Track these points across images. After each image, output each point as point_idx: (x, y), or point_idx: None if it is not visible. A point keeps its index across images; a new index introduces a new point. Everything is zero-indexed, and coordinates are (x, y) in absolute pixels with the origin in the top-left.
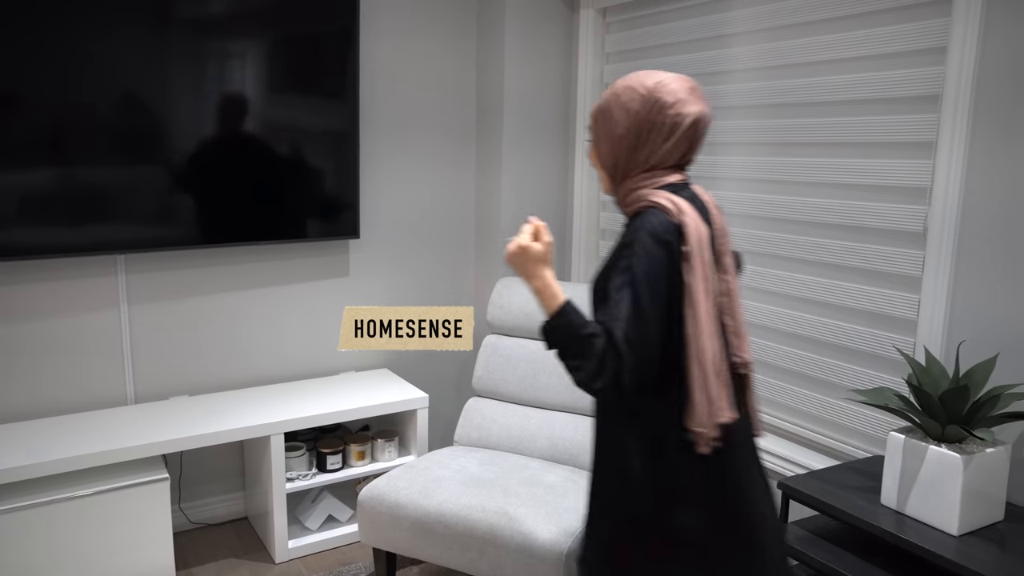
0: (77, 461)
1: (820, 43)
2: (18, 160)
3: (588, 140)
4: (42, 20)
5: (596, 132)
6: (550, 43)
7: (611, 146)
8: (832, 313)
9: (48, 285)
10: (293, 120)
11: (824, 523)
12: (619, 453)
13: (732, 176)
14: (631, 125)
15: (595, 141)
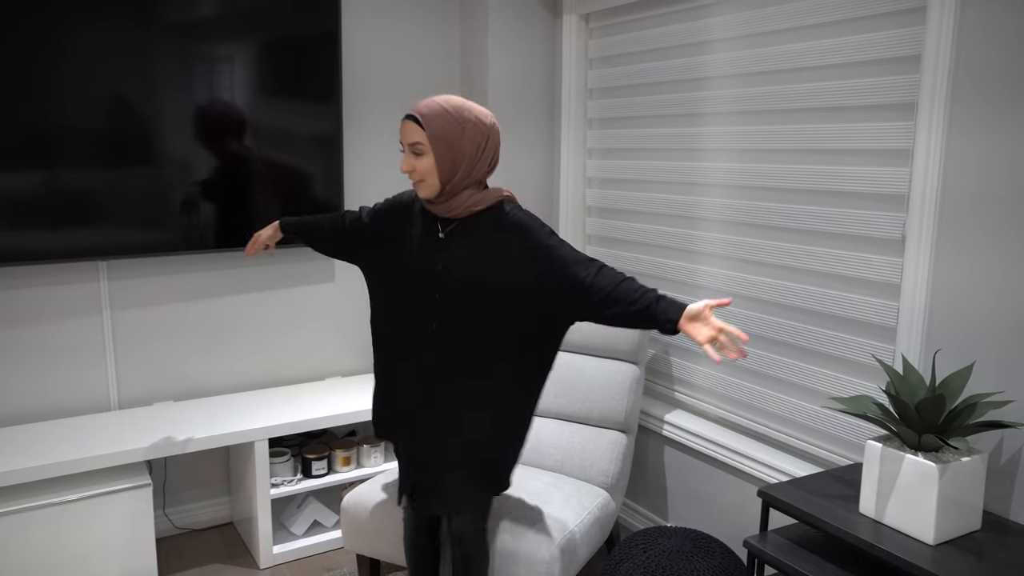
0: (60, 467)
1: (798, 50)
2: (2, 165)
3: (415, 154)
4: (25, 22)
5: (438, 151)
6: (533, 48)
7: (455, 163)
8: (813, 319)
9: (30, 291)
10: (277, 123)
11: (804, 532)
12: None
13: (712, 183)
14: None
15: (437, 158)
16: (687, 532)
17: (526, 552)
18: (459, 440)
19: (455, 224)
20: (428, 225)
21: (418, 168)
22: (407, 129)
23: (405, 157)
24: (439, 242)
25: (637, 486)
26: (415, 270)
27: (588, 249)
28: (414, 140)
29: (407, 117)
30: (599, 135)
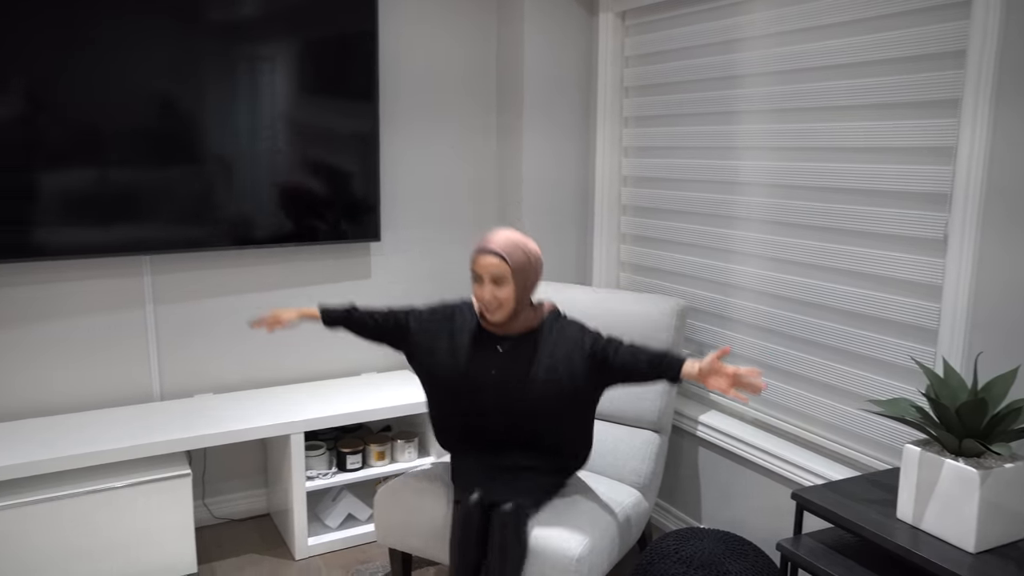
0: (104, 455)
1: (836, 46)
2: (53, 163)
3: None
4: (78, 27)
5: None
6: (569, 47)
7: (525, 290)
8: (850, 320)
9: (78, 284)
10: (316, 122)
11: (838, 536)
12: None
13: (748, 181)
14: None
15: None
16: (720, 534)
17: (554, 549)
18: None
19: (512, 339)
20: (482, 340)
21: (499, 296)
22: (490, 262)
23: (486, 286)
24: (498, 355)
25: (670, 487)
26: (470, 376)
27: (623, 249)
28: (499, 272)
29: (488, 252)
30: (635, 133)
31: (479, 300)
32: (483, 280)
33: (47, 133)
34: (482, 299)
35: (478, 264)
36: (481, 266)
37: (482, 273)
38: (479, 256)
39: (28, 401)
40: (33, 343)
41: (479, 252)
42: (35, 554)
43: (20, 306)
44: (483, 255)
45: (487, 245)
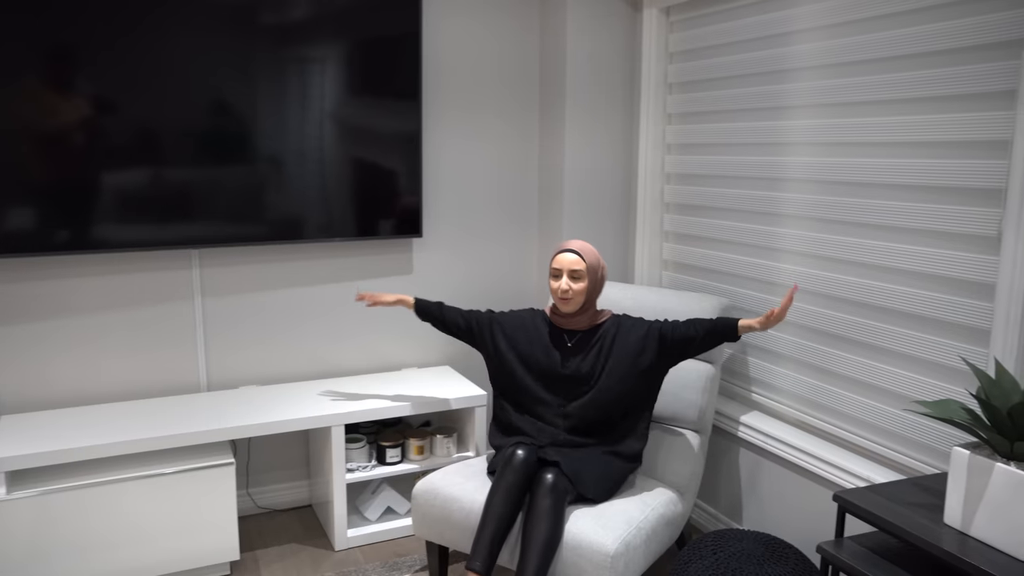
0: (152, 443)
1: (886, 39)
2: (113, 162)
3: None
4: (140, 33)
5: (590, 278)
6: (613, 43)
7: (595, 288)
8: (897, 320)
9: (128, 277)
10: (361, 121)
11: (882, 540)
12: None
13: (796, 178)
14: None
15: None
16: (759, 536)
17: (590, 544)
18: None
19: (579, 335)
20: (553, 337)
21: (574, 288)
22: (569, 259)
23: (563, 279)
24: (568, 349)
25: (711, 487)
26: (544, 371)
27: (665, 247)
28: (576, 268)
29: (568, 250)
30: (678, 130)
31: (555, 292)
32: (561, 274)
33: (109, 134)
34: (558, 290)
35: (557, 260)
36: (560, 263)
37: (561, 268)
38: (559, 254)
39: (80, 389)
40: (86, 332)
41: (559, 251)
42: (85, 536)
43: (76, 297)
44: (563, 253)
45: (566, 245)
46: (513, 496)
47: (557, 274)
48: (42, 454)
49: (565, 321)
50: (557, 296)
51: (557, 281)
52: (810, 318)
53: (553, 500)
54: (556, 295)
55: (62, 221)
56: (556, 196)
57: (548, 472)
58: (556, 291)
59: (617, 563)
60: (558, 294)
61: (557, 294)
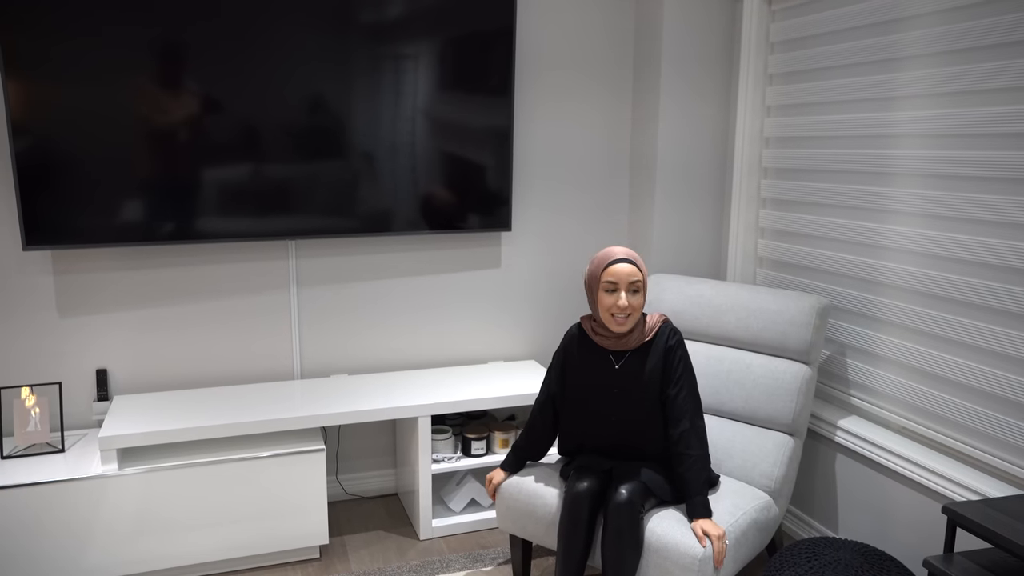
0: (248, 427)
1: (1005, 22)
2: (216, 157)
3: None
4: (242, 32)
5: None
6: (712, 33)
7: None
8: (1014, 322)
9: (228, 267)
10: (453, 117)
11: (997, 558)
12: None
13: (903, 172)
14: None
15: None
16: (857, 546)
17: (677, 546)
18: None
19: (628, 355)
20: (600, 359)
21: (633, 303)
22: (628, 270)
23: (621, 295)
24: (615, 372)
25: (805, 494)
26: (596, 391)
27: (760, 244)
28: (636, 279)
29: (623, 260)
30: (777, 123)
31: (611, 309)
32: (618, 288)
33: (213, 131)
34: (616, 308)
35: (612, 273)
36: (616, 275)
37: (618, 281)
38: (613, 266)
39: (185, 372)
40: (191, 319)
41: (611, 263)
42: (185, 513)
43: (182, 285)
44: (618, 264)
45: (618, 255)
46: (583, 531)
47: (612, 288)
48: (150, 433)
49: (612, 342)
50: (612, 314)
51: (612, 296)
52: (917, 319)
53: (629, 517)
54: (610, 312)
55: (170, 213)
56: (648, 189)
57: (622, 487)
58: (612, 308)
59: (705, 567)
60: (615, 311)
61: (612, 311)
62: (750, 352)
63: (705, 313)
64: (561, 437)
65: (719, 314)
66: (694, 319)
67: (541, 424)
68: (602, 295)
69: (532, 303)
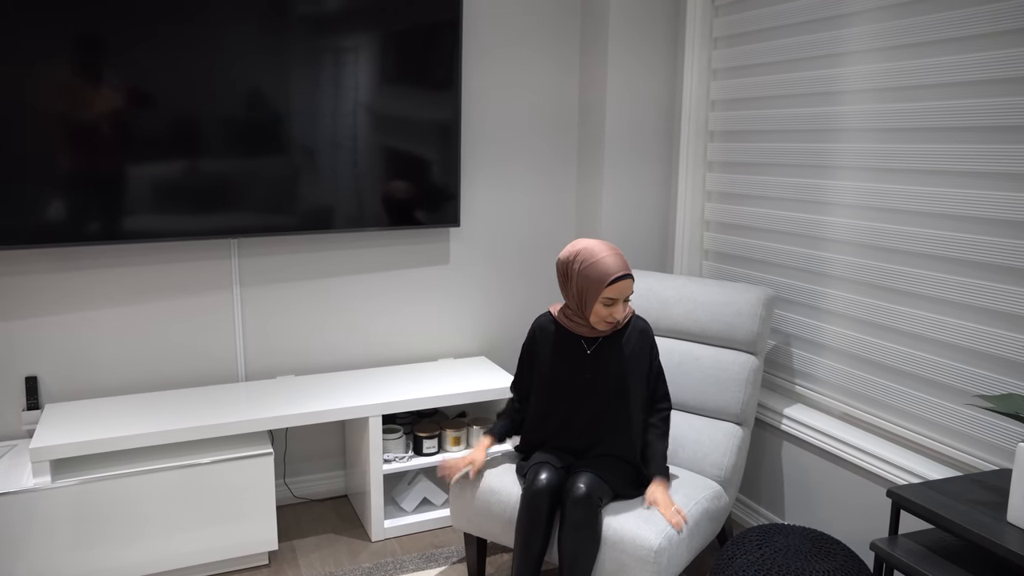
0: (190, 432)
1: (933, 20)
2: (150, 152)
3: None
4: (173, 22)
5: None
6: (655, 34)
7: None
8: (953, 311)
9: (167, 267)
10: (398, 111)
11: (939, 538)
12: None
13: (844, 164)
14: None
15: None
16: (806, 531)
17: (632, 539)
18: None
19: (599, 341)
20: (570, 345)
21: (625, 312)
22: (628, 285)
23: (619, 306)
24: (587, 357)
25: (753, 482)
26: (567, 379)
27: (706, 236)
28: (630, 292)
29: (626, 277)
30: (720, 148)
31: (607, 319)
32: (617, 302)
33: (144, 124)
34: (613, 318)
35: (616, 289)
36: (620, 289)
37: (619, 296)
38: (619, 282)
39: (121, 378)
40: (127, 322)
41: (617, 279)
42: (125, 525)
43: (117, 286)
44: (623, 280)
45: (621, 270)
46: (541, 525)
47: (611, 303)
48: (85, 443)
49: (585, 328)
50: (604, 321)
51: (609, 309)
52: (860, 309)
53: (586, 511)
54: (604, 320)
55: (99, 212)
56: (595, 185)
57: (579, 481)
58: (606, 317)
59: (660, 558)
60: (608, 320)
61: (607, 320)
62: (699, 344)
63: (653, 306)
64: (527, 429)
65: (667, 307)
66: (643, 312)
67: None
68: (598, 306)
69: (482, 299)
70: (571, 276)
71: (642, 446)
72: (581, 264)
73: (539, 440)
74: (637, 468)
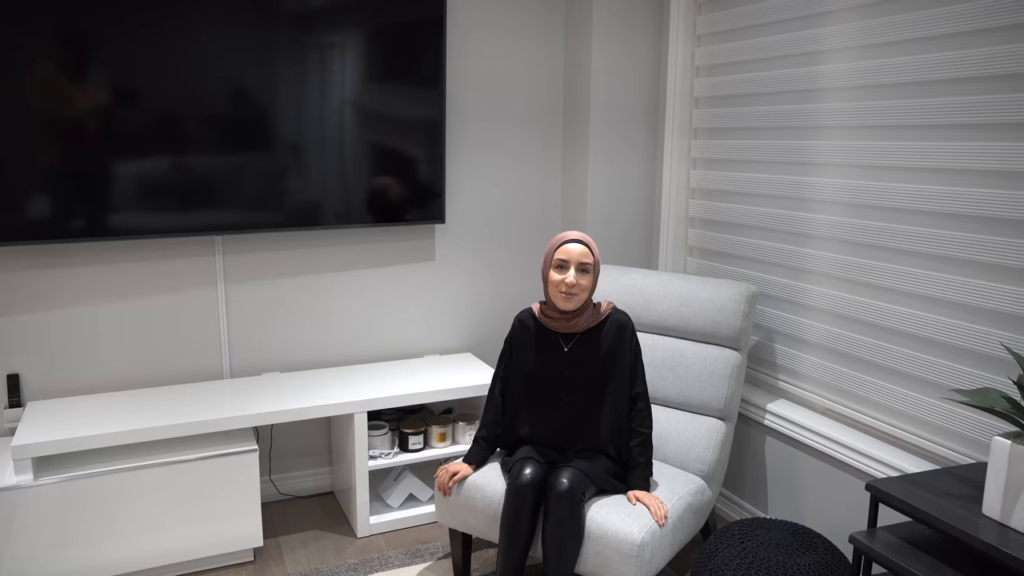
0: (175, 429)
1: (924, 17)
2: (134, 149)
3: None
4: (158, 17)
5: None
6: (639, 27)
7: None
8: (932, 307)
9: (151, 264)
10: (383, 109)
11: (917, 531)
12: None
13: (825, 162)
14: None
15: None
16: (787, 525)
17: (615, 533)
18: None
19: (577, 337)
20: (548, 342)
21: (580, 283)
22: (579, 250)
23: (570, 272)
24: (565, 354)
25: (736, 477)
26: (546, 375)
27: (691, 233)
28: (586, 260)
29: (575, 241)
30: (703, 145)
31: (559, 286)
32: (568, 266)
33: (128, 121)
34: (564, 284)
35: (563, 251)
36: (568, 253)
37: (568, 259)
38: (565, 245)
39: (105, 375)
40: (111, 319)
41: (564, 242)
42: (109, 522)
43: (101, 284)
44: (570, 244)
45: (571, 236)
46: (526, 520)
47: (563, 266)
48: (67, 440)
49: (561, 324)
50: (559, 291)
51: (562, 274)
52: (840, 305)
53: (569, 506)
54: (559, 289)
55: (82, 208)
56: (580, 182)
57: (563, 476)
58: (559, 285)
59: (643, 552)
60: (562, 288)
61: (560, 288)
62: (683, 340)
63: (638, 302)
64: (508, 426)
65: (652, 303)
66: (628, 308)
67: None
68: (552, 273)
69: (467, 295)
70: (542, 264)
71: (626, 453)
72: (547, 248)
73: (521, 436)
74: (618, 462)
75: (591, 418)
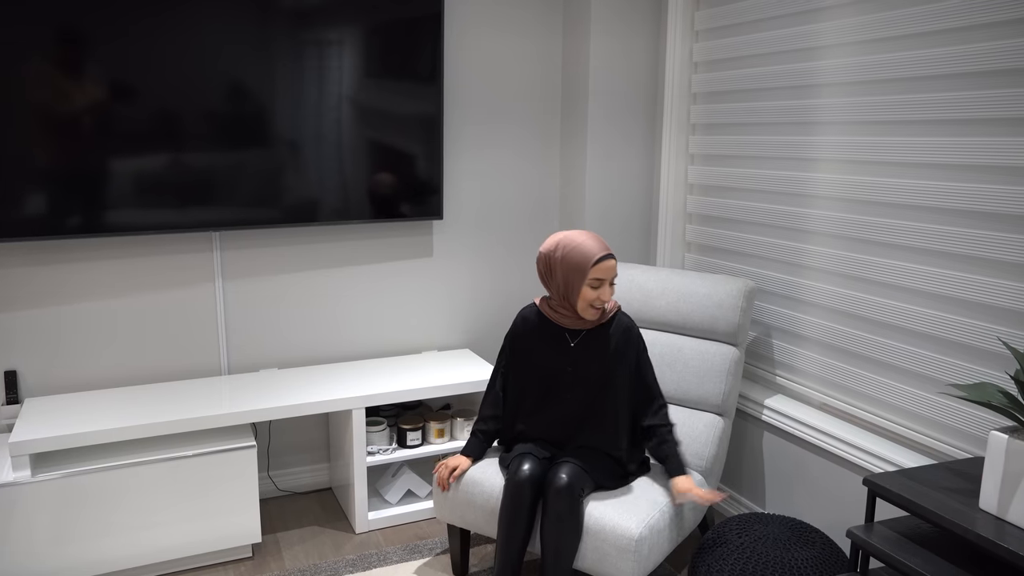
0: (173, 425)
1: (921, 12)
2: (132, 145)
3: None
4: (157, 16)
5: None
6: (638, 23)
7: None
8: (929, 302)
9: (149, 260)
10: (381, 105)
11: (914, 525)
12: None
13: (824, 157)
14: None
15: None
16: (785, 520)
17: (613, 528)
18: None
19: (583, 334)
20: (554, 337)
21: (612, 296)
22: (613, 266)
23: (606, 288)
24: (572, 350)
25: (734, 472)
26: (550, 371)
27: (689, 228)
28: (615, 273)
29: (610, 256)
30: (701, 140)
31: (595, 302)
32: (604, 283)
33: (126, 118)
34: (599, 301)
35: (601, 271)
36: (605, 270)
37: (606, 277)
38: (603, 262)
39: (103, 372)
40: (109, 316)
41: (599, 259)
42: (107, 518)
43: (99, 280)
44: (607, 260)
45: (602, 251)
46: (524, 516)
47: (598, 285)
48: (65, 436)
49: (572, 320)
50: (591, 307)
51: (597, 291)
52: (839, 300)
53: (568, 502)
54: (591, 305)
55: (80, 205)
56: (579, 177)
57: (561, 471)
58: (595, 301)
59: (641, 547)
60: (596, 304)
61: (595, 304)
62: (681, 335)
63: (637, 298)
64: (507, 422)
65: (650, 298)
66: (626, 303)
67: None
68: (586, 289)
69: (465, 291)
70: (554, 267)
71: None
72: (563, 252)
73: (521, 431)
74: (618, 461)
75: (591, 415)
